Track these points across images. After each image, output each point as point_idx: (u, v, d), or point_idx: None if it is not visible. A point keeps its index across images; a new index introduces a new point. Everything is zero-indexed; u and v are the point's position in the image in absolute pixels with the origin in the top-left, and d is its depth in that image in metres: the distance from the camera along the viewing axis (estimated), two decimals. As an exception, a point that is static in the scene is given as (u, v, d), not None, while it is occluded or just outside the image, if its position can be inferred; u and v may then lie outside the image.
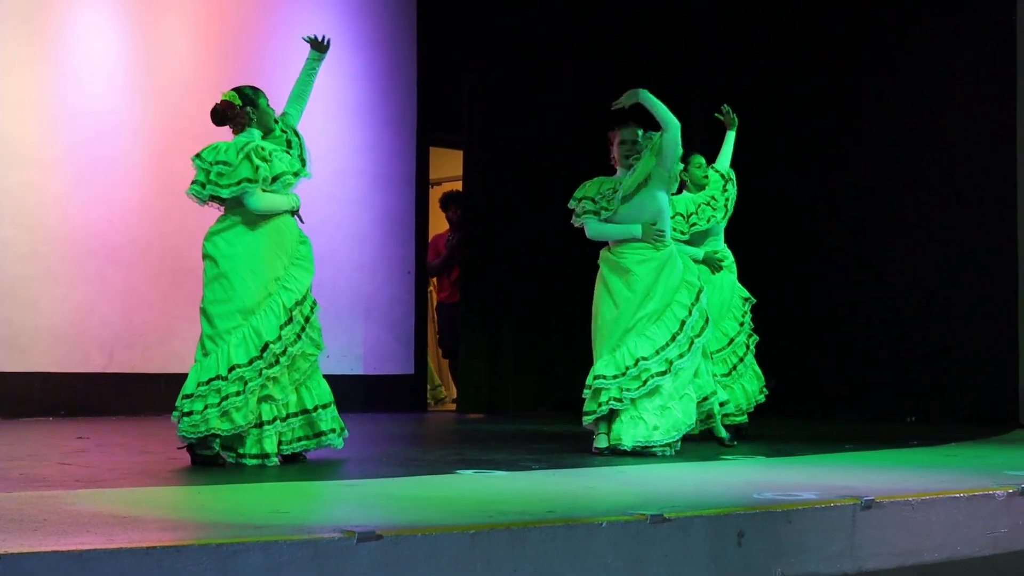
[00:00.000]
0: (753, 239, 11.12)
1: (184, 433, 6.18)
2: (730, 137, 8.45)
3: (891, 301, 11.17)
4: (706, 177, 8.31)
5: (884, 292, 11.20)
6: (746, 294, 8.46)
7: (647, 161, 7.26)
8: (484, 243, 11.32)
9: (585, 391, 7.11)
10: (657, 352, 7.03)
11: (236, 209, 6.42)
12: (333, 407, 6.58)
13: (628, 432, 6.96)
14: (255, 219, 6.40)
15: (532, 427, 9.27)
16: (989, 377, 10.68)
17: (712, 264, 8.03)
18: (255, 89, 6.73)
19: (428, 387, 12.29)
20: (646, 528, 4.26)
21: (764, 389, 8.51)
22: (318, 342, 6.53)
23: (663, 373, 7.01)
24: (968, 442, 8.30)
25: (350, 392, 10.87)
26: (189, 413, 6.16)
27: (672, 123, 7.21)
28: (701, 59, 11.90)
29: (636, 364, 7.00)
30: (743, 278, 8.69)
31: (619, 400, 6.98)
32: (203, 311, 6.39)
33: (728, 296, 8.29)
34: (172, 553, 3.52)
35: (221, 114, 6.61)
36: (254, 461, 6.21)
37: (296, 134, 6.75)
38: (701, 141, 9.75)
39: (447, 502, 4.67)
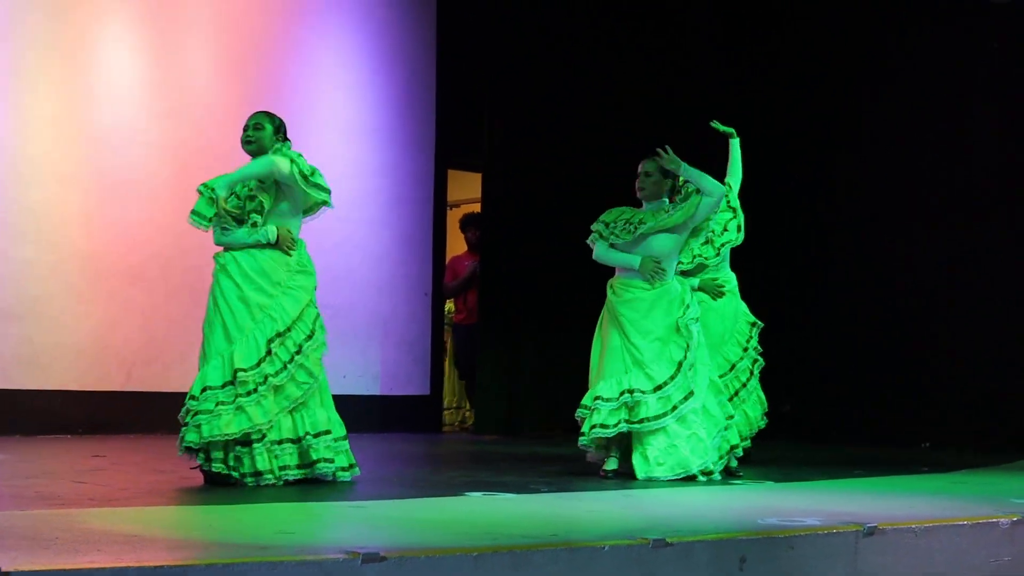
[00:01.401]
0: (768, 261, 11.19)
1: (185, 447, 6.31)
2: (735, 146, 8.39)
3: (907, 326, 11.17)
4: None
5: (900, 317, 11.21)
6: (752, 319, 8.44)
7: (677, 216, 7.29)
8: (502, 265, 11.39)
9: (582, 411, 7.19)
10: (655, 389, 7.10)
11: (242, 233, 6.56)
12: (329, 437, 6.50)
13: (639, 465, 7.07)
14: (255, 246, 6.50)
15: (546, 450, 9.32)
16: (1004, 404, 10.67)
17: (711, 291, 8.04)
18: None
19: (454, 408, 12.36)
20: (648, 552, 4.31)
21: (765, 416, 8.49)
22: (311, 371, 6.50)
23: (666, 415, 7.07)
24: (979, 469, 8.33)
25: (366, 412, 10.98)
26: (185, 425, 6.34)
27: (716, 190, 7.27)
28: (713, 77, 11.95)
29: (632, 393, 7.08)
30: (755, 301, 8.71)
31: (605, 427, 7.05)
32: (205, 331, 6.59)
33: (731, 322, 8.29)
34: (178, 572, 3.59)
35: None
36: (251, 480, 6.27)
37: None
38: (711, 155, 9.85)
39: (452, 524, 4.73)
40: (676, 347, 7.21)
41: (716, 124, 8.05)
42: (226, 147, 10.04)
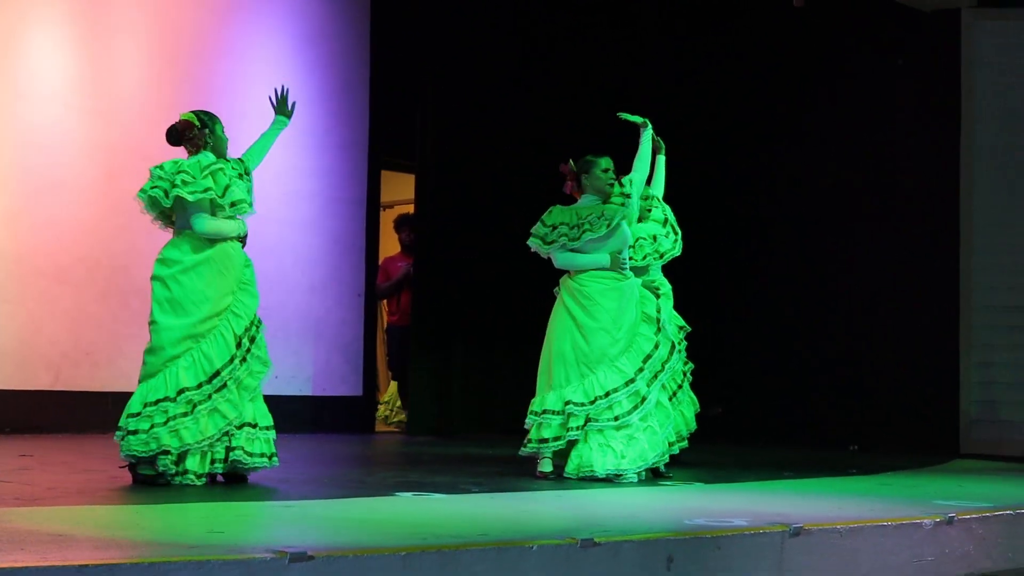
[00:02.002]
0: (702, 262, 11.25)
1: (134, 451, 6.22)
2: (660, 162, 8.45)
3: (835, 330, 11.32)
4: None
5: (828, 321, 11.35)
6: (681, 322, 8.53)
7: (632, 207, 7.37)
8: (435, 266, 11.38)
9: (534, 417, 7.18)
10: (627, 384, 7.12)
11: (186, 232, 6.49)
12: (269, 431, 6.56)
13: (599, 460, 7.04)
14: (204, 243, 6.46)
15: (479, 450, 9.32)
16: (930, 407, 10.83)
17: (649, 291, 8.10)
18: (212, 115, 6.81)
19: (397, 408, 12.32)
20: (576, 552, 4.34)
21: (695, 418, 8.58)
22: (265, 360, 6.59)
23: (635, 408, 7.09)
24: (906, 471, 8.44)
25: (299, 413, 10.94)
26: (135, 432, 6.22)
27: (645, 170, 7.55)
28: (654, 82, 12.01)
29: (607, 395, 7.08)
30: (686, 305, 8.78)
31: (581, 428, 7.06)
32: (152, 331, 6.44)
33: (665, 324, 8.35)
34: (104, 572, 3.57)
35: (179, 134, 6.69)
36: (180, 478, 6.24)
37: (248, 172, 6.79)
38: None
39: (381, 524, 4.73)
40: (645, 339, 7.25)
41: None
42: (154, 147, 9.96)
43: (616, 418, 7.06)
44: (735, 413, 11.65)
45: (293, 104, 7.15)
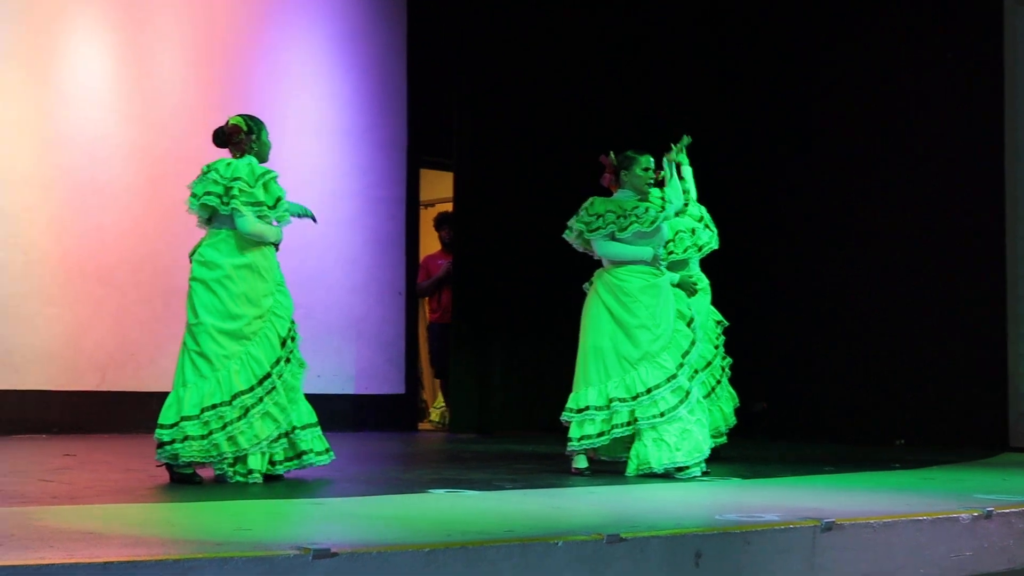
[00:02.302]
0: (746, 258, 11.23)
1: (193, 457, 6.25)
2: (685, 165, 8.44)
3: (881, 323, 11.22)
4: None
5: (874, 314, 11.25)
6: (719, 317, 8.53)
7: (670, 210, 7.38)
8: (474, 263, 11.40)
9: (571, 414, 7.16)
10: (668, 380, 7.10)
11: (224, 231, 6.50)
12: (317, 427, 6.64)
13: (655, 455, 7.03)
14: (243, 245, 6.47)
15: (519, 447, 9.33)
16: (979, 400, 10.71)
17: (686, 288, 8.05)
18: (259, 120, 6.80)
19: (443, 407, 12.35)
20: (602, 548, 4.32)
21: (735, 414, 8.56)
22: (302, 360, 6.63)
23: (680, 403, 7.07)
24: (949, 465, 8.34)
25: (341, 412, 10.99)
26: (193, 437, 6.24)
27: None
28: (684, 74, 11.99)
29: (649, 392, 7.06)
30: (729, 299, 8.76)
31: (628, 425, 7.05)
32: (198, 333, 6.42)
33: (703, 319, 8.35)
34: (129, 568, 3.59)
35: (225, 136, 6.70)
36: (240, 477, 6.30)
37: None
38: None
39: (410, 521, 4.74)
40: (683, 336, 7.24)
41: (676, 153, 7.91)
42: (195, 150, 10.03)
43: (662, 414, 7.03)
44: (779, 408, 11.62)
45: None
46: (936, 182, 10.95)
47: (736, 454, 8.66)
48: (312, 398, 10.46)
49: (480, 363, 11.35)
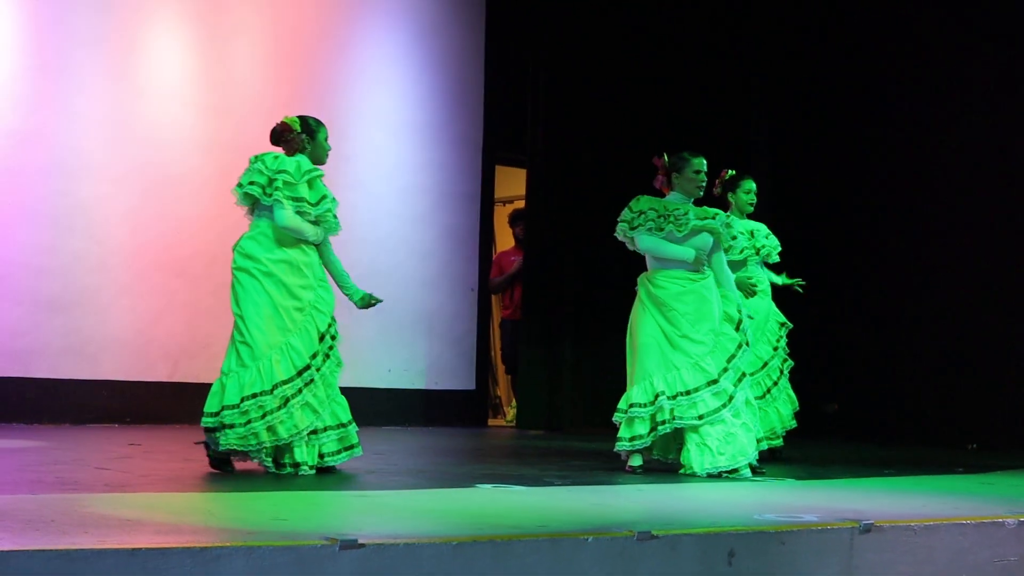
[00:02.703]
0: (817, 258, 11.14)
1: (232, 445, 6.36)
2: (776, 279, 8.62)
3: (961, 325, 11.06)
4: (751, 204, 8.39)
5: (954, 315, 11.09)
6: (782, 319, 8.51)
7: (716, 224, 7.32)
8: (545, 260, 11.43)
9: (621, 415, 7.18)
10: (709, 384, 7.08)
11: (264, 222, 6.59)
12: (340, 430, 6.70)
13: (697, 460, 7.04)
14: (284, 240, 6.56)
15: (585, 445, 9.34)
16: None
17: (745, 288, 8.05)
18: (319, 122, 6.87)
19: (514, 406, 12.41)
20: (632, 545, 4.33)
21: (795, 417, 8.51)
22: (340, 359, 6.72)
23: (723, 407, 7.06)
24: (1015, 470, 8.23)
25: (411, 406, 11.07)
26: (232, 425, 6.36)
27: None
28: (759, 80, 11.94)
29: (688, 394, 7.06)
30: (803, 299, 8.74)
31: (665, 423, 7.04)
32: (243, 323, 6.54)
33: (763, 320, 8.34)
34: (156, 555, 3.67)
35: (278, 135, 6.82)
36: (290, 469, 6.40)
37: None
38: (759, 157, 9.80)
39: (446, 515, 4.78)
40: (728, 339, 7.21)
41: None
42: (270, 144, 10.19)
43: (700, 416, 7.02)
44: (853, 410, 11.52)
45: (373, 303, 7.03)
46: (1012, 179, 10.79)
47: (799, 455, 8.62)
48: (383, 392, 10.60)
49: (549, 360, 11.38)
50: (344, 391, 6.79)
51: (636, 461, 7.21)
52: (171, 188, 10.22)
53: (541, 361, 11.36)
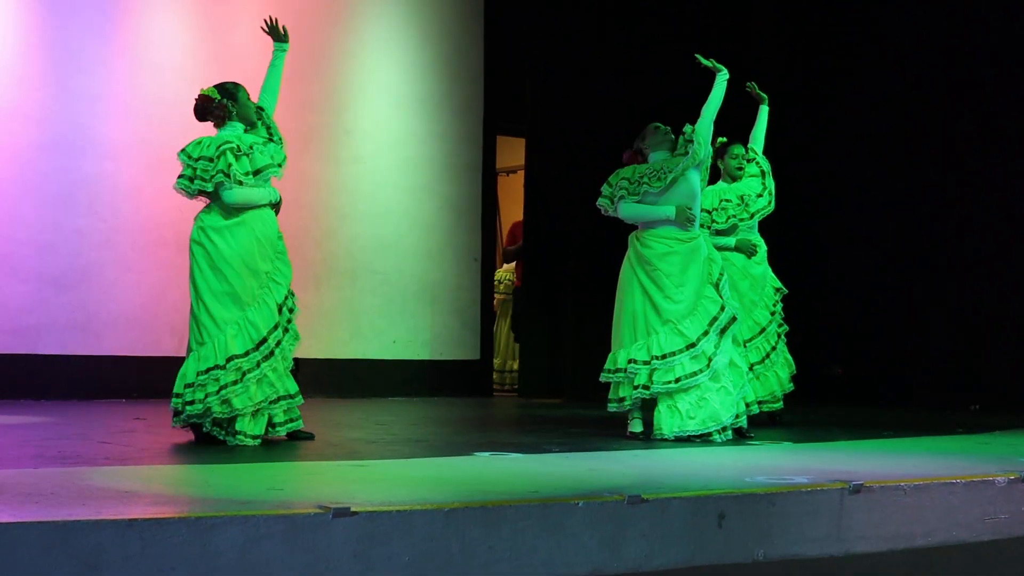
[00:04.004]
0: (813, 222, 11.17)
1: (192, 420, 6.46)
2: (763, 112, 8.50)
3: (959, 286, 11.09)
4: (740, 169, 8.39)
5: (952, 276, 11.12)
6: (778, 284, 8.54)
7: (688, 162, 7.34)
8: (545, 230, 11.47)
9: (607, 375, 7.25)
10: (687, 347, 7.12)
11: (221, 200, 6.65)
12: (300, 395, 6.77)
13: (666, 422, 7.09)
14: (240, 211, 6.60)
15: (587, 412, 9.38)
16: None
17: (746, 250, 8.09)
18: (235, 84, 6.93)
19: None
20: (623, 508, 4.40)
21: (792, 380, 8.55)
22: (297, 333, 6.75)
23: (700, 371, 7.09)
24: (1014, 431, 8.26)
25: (416, 377, 11.15)
26: (192, 402, 6.44)
27: (713, 116, 7.40)
28: (765, 47, 11.93)
29: (664, 357, 7.10)
30: (806, 263, 8.77)
31: (647, 388, 7.08)
32: (198, 299, 6.57)
33: (760, 285, 8.38)
34: (153, 526, 3.74)
35: (201, 109, 6.85)
36: (231, 439, 6.46)
37: (273, 124, 6.91)
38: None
39: (440, 482, 4.85)
40: (711, 302, 7.23)
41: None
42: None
43: (677, 379, 7.05)
44: (857, 373, 11.56)
45: (284, 28, 7.12)
46: (1007, 142, 10.80)
47: (800, 419, 8.67)
48: (388, 363, 10.63)
49: (552, 328, 11.43)
50: (349, 363, 6.91)
51: (637, 427, 7.27)
52: (174, 164, 10.12)
53: (543, 329, 11.42)
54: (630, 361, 7.17)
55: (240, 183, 6.58)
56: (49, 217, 9.75)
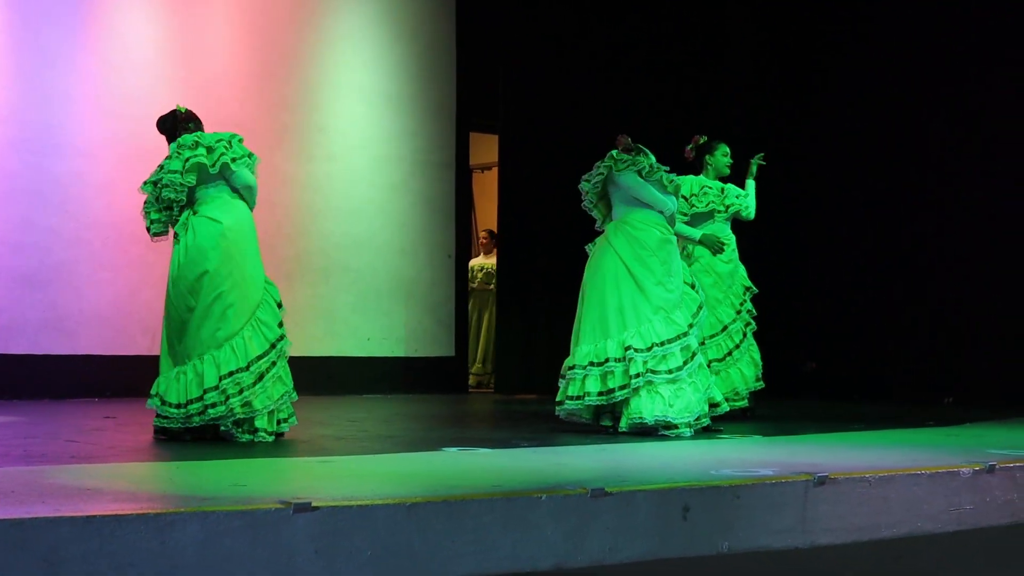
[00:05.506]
0: (788, 216, 11.19)
1: (214, 421, 6.42)
2: (751, 187, 8.59)
3: (934, 280, 11.13)
4: (728, 167, 8.46)
5: (927, 270, 11.16)
6: (748, 283, 8.53)
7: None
8: (518, 226, 11.47)
9: (581, 370, 7.21)
10: (679, 336, 7.09)
11: (216, 191, 6.63)
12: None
13: (648, 406, 6.97)
14: (237, 203, 6.60)
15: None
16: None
17: (711, 245, 8.03)
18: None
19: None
20: (587, 502, 4.40)
21: (759, 379, 8.54)
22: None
23: (686, 363, 7.06)
24: (984, 423, 8.29)
25: (391, 374, 11.14)
26: (213, 404, 6.40)
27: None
28: (743, 48, 11.96)
29: (662, 344, 7.03)
30: (780, 258, 8.79)
31: (640, 376, 6.98)
32: (218, 300, 6.53)
33: (727, 285, 8.38)
34: (111, 522, 3.72)
35: (172, 126, 6.89)
36: (248, 436, 6.44)
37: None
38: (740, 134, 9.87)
39: (404, 477, 4.84)
40: (691, 298, 7.25)
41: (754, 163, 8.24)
42: (245, 117, 10.23)
43: (670, 371, 7.00)
44: (831, 368, 11.59)
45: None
46: (987, 138, 10.84)
47: (773, 413, 8.68)
48: (362, 361, 10.60)
49: (525, 324, 11.43)
50: (323, 360, 6.89)
51: (606, 421, 7.24)
52: (145, 162, 10.09)
53: (517, 326, 11.42)
54: (627, 348, 7.01)
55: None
56: (20, 216, 9.71)
